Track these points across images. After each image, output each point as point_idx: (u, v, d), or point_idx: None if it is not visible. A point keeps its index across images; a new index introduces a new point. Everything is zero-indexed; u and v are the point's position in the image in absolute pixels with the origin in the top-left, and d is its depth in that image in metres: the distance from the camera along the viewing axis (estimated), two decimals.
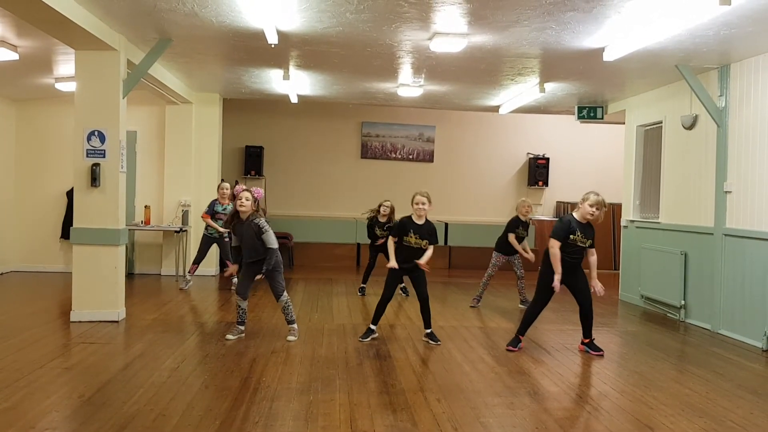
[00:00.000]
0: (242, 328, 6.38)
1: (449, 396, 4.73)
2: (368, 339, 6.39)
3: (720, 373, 5.61)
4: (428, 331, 6.45)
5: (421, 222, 6.27)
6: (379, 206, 8.92)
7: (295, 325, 6.41)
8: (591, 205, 5.90)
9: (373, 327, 6.47)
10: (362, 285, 9.42)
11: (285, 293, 6.34)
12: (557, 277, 5.89)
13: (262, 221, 6.13)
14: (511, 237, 8.27)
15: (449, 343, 6.45)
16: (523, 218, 8.31)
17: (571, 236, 5.94)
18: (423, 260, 6.23)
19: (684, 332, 7.43)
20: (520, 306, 8.60)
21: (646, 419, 4.37)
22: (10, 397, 4.43)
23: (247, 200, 6.06)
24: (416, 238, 6.22)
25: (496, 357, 5.97)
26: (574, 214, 6.04)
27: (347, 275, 11.49)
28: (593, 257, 6.11)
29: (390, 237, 6.43)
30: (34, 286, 9.60)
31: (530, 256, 8.32)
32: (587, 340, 6.22)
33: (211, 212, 9.11)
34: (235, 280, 9.28)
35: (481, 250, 12.65)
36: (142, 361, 5.42)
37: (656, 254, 8.64)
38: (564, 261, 5.93)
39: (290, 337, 6.31)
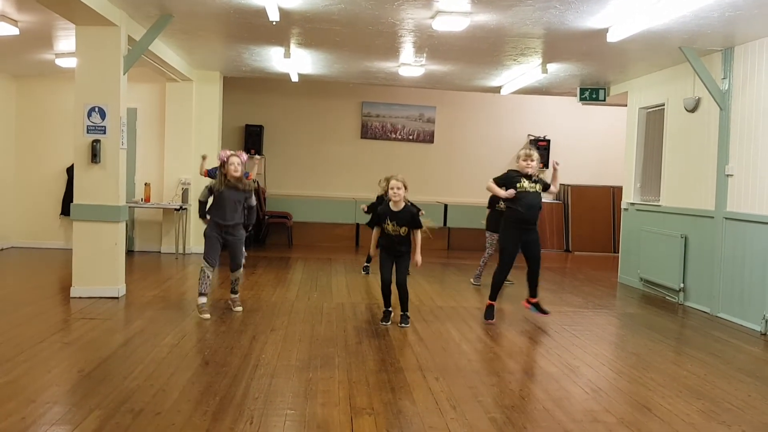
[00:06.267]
0: (205, 300, 6.36)
1: (447, 375, 4.76)
2: (389, 322, 6.28)
3: (718, 356, 5.64)
4: (402, 313, 6.32)
5: (397, 208, 6.07)
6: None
7: (238, 296, 6.63)
8: (524, 160, 6.34)
9: (389, 309, 6.35)
10: (366, 264, 9.41)
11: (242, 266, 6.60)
12: (504, 192, 6.25)
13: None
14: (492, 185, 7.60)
15: (448, 323, 6.47)
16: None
17: (518, 185, 6.20)
18: (417, 256, 6.04)
19: (683, 315, 7.46)
20: (471, 281, 8.79)
21: (643, 400, 4.40)
22: (11, 371, 4.45)
23: (240, 164, 6.24)
24: (393, 225, 6.05)
25: (494, 337, 6.00)
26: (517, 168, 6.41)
27: (346, 255, 11.50)
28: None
29: (375, 226, 6.33)
30: (35, 261, 9.61)
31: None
32: (534, 300, 6.48)
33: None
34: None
35: (480, 231, 12.57)
36: (142, 337, 5.44)
37: (656, 237, 8.64)
38: (520, 217, 6.22)
39: (237, 308, 6.52)
